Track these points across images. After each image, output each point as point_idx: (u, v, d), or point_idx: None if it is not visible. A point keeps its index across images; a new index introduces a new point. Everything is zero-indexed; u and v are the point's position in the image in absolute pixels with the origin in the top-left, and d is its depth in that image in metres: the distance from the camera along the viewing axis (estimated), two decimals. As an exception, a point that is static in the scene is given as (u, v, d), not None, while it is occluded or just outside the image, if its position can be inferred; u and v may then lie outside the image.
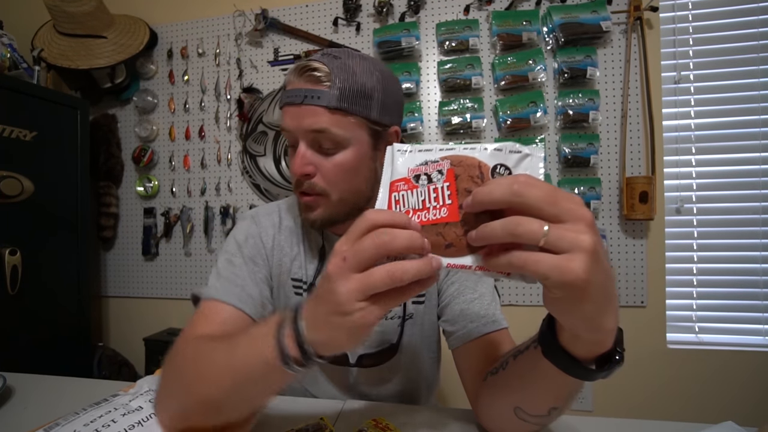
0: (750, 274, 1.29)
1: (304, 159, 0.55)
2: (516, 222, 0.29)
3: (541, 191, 0.29)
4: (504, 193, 0.29)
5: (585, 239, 0.28)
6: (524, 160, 0.33)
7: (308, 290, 0.66)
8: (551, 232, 0.28)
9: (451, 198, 0.33)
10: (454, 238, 0.32)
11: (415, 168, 0.35)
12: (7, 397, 0.62)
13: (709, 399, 1.28)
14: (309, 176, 0.55)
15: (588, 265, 0.27)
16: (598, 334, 0.33)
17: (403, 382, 0.70)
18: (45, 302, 1.34)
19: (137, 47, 1.52)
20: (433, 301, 0.69)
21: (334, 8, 1.50)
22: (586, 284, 0.28)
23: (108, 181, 1.63)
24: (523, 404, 0.44)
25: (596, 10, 1.29)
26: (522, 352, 0.44)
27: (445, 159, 0.34)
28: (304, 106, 0.53)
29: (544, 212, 0.28)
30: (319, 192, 0.56)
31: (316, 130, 0.53)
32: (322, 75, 0.53)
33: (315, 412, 0.57)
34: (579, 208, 0.29)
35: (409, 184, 0.34)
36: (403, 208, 0.34)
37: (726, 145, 1.31)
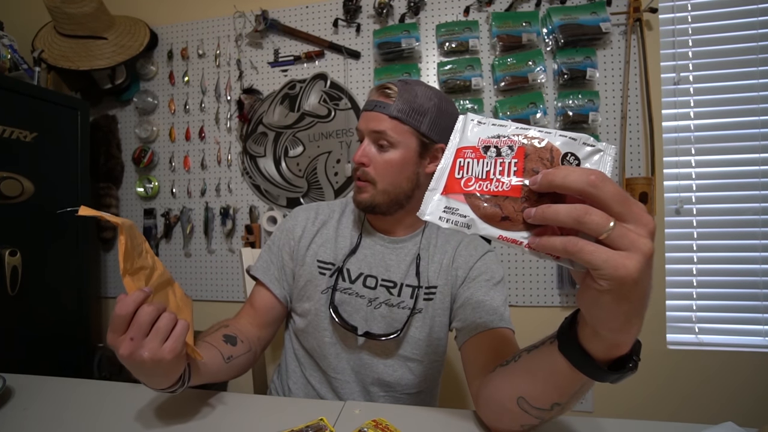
0: (750, 274, 1.29)
1: (364, 152, 0.71)
2: (585, 210, 0.30)
3: (614, 188, 0.30)
4: (580, 181, 0.30)
5: (645, 243, 0.29)
6: (595, 155, 0.33)
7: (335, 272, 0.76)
8: (616, 229, 0.29)
9: (516, 174, 0.33)
10: (511, 212, 0.32)
11: (486, 140, 0.35)
12: (7, 398, 0.62)
13: (709, 399, 1.28)
14: (364, 165, 0.71)
15: (642, 267, 0.29)
16: (622, 336, 0.34)
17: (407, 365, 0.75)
18: (45, 303, 1.34)
19: (137, 48, 1.52)
20: (445, 303, 0.74)
21: (334, 9, 1.50)
22: (635, 284, 0.29)
23: (108, 182, 1.63)
24: (527, 395, 0.46)
25: (596, 11, 1.30)
26: (537, 347, 0.47)
27: (518, 135, 0.34)
28: (374, 113, 0.70)
29: (613, 209, 0.30)
30: (369, 179, 0.71)
31: (376, 131, 0.70)
32: (391, 92, 0.70)
33: (315, 412, 0.57)
34: (645, 215, 0.30)
35: (477, 153, 0.35)
36: (465, 174, 0.35)
37: (726, 145, 1.31)
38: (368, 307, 0.75)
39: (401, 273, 0.75)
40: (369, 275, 0.76)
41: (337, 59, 1.51)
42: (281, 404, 0.61)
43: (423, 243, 0.78)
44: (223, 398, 0.62)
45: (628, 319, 0.33)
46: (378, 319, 0.74)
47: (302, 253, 0.79)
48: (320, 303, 0.75)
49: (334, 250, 0.78)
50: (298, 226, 0.82)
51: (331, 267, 0.77)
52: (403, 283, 0.75)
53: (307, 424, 0.53)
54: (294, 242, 0.80)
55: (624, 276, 0.29)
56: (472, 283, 0.72)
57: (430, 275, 0.75)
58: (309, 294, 0.77)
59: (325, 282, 0.76)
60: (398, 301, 0.74)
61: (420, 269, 0.75)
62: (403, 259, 0.76)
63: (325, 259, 0.78)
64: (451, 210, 0.35)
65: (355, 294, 0.75)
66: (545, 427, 0.54)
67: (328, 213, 0.84)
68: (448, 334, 0.77)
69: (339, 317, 0.72)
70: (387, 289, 0.75)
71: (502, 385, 0.50)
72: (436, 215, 0.35)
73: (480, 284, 0.71)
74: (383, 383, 0.75)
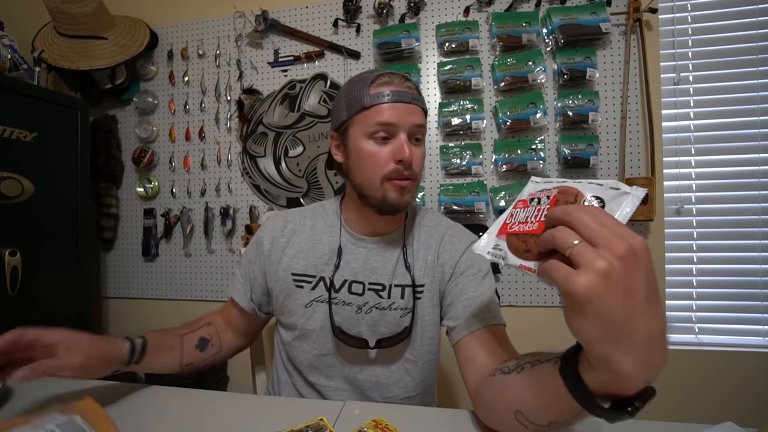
0: (750, 274, 1.29)
1: (410, 148, 0.66)
2: (558, 229, 0.34)
3: (589, 217, 0.33)
4: (559, 211, 0.35)
5: (600, 262, 0.30)
6: (620, 196, 0.36)
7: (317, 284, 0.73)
8: (578, 247, 0.32)
9: (544, 216, 0.39)
10: (532, 246, 0.39)
11: (534, 193, 0.44)
12: (7, 397, 0.62)
13: (708, 399, 1.28)
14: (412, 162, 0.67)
15: (592, 284, 0.30)
16: (609, 371, 0.33)
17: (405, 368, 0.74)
18: (45, 303, 1.33)
19: (137, 48, 1.52)
20: (434, 300, 0.73)
21: (334, 10, 1.50)
22: (585, 300, 0.31)
23: (108, 182, 1.63)
24: (525, 410, 0.45)
25: (595, 11, 1.30)
26: (542, 362, 0.45)
27: (556, 188, 0.41)
28: (413, 105, 0.66)
29: (583, 233, 0.32)
30: (414, 177, 0.68)
31: (419, 125, 0.67)
32: (413, 86, 0.69)
33: (315, 412, 0.57)
34: (618, 240, 0.31)
35: (525, 204, 0.44)
36: (513, 220, 0.43)
37: (725, 146, 1.31)
38: (357, 314, 0.72)
39: (388, 274, 0.73)
40: (354, 281, 0.72)
41: (337, 59, 1.51)
42: (281, 404, 0.61)
43: (407, 239, 0.75)
44: (223, 398, 0.62)
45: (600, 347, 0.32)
46: (371, 324, 0.72)
47: (274, 267, 0.76)
48: (306, 318, 0.72)
49: (310, 260, 0.74)
50: (266, 239, 0.77)
51: (309, 279, 0.73)
52: (391, 284, 0.72)
53: (307, 424, 0.53)
54: (263, 256, 0.76)
55: (572, 291, 0.31)
56: (460, 278, 0.71)
57: (416, 273, 0.73)
58: (290, 309, 0.74)
59: (306, 295, 0.73)
60: (389, 303, 0.72)
61: (408, 263, 0.73)
62: (388, 259, 0.73)
63: (299, 272, 0.74)
64: (496, 247, 0.44)
65: (341, 302, 0.72)
66: None
67: (298, 221, 0.79)
68: (440, 332, 0.76)
69: (343, 334, 0.70)
70: (376, 292, 0.72)
71: (502, 395, 0.50)
72: (485, 250, 0.45)
73: (468, 279, 0.70)
74: (382, 390, 0.73)
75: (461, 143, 1.41)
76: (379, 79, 0.67)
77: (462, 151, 1.40)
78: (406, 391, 0.74)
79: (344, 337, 0.70)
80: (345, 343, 0.70)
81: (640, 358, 0.32)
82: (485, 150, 1.40)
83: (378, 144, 0.66)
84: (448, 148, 1.41)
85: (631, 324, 0.31)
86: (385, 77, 0.67)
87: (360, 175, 0.69)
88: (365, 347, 0.70)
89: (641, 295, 0.31)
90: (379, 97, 0.65)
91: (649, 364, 0.32)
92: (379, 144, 0.66)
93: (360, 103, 0.66)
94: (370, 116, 0.65)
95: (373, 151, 0.66)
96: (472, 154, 1.39)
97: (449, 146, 1.41)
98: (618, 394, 0.35)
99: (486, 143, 1.40)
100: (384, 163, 0.66)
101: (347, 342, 0.70)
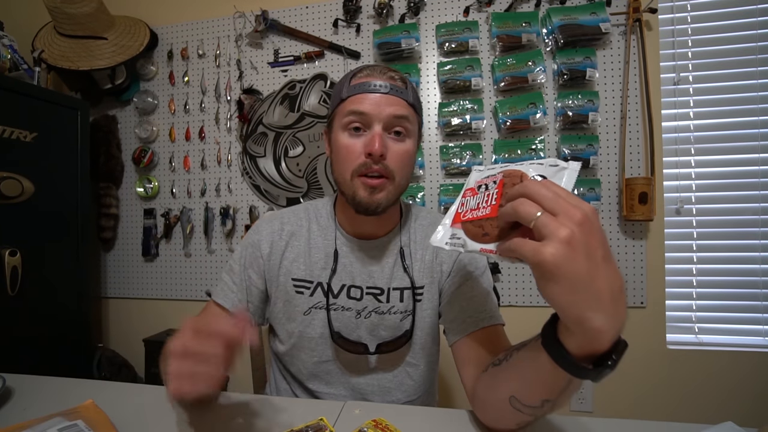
0: (750, 274, 1.29)
1: (382, 140, 0.61)
2: (520, 202, 0.36)
3: (545, 190, 0.35)
4: (519, 187, 0.37)
5: (563, 230, 0.33)
6: (560, 171, 0.39)
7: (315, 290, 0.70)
8: (541, 218, 0.34)
9: (495, 200, 0.41)
10: (489, 229, 0.41)
11: (480, 180, 0.45)
12: (7, 397, 0.62)
13: (709, 399, 1.28)
14: (383, 157, 0.62)
15: (558, 251, 0.33)
16: (583, 330, 0.35)
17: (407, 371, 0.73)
18: (45, 303, 1.33)
19: (137, 48, 1.52)
20: (433, 301, 0.72)
21: (334, 10, 1.50)
22: (554, 267, 0.33)
23: (108, 182, 1.63)
24: (518, 393, 0.46)
25: (595, 11, 1.30)
26: (526, 344, 0.47)
27: (500, 173, 0.43)
28: (391, 96, 0.62)
29: (544, 204, 0.34)
30: (388, 174, 0.63)
31: (398, 116, 0.62)
32: (398, 78, 0.65)
33: (315, 412, 0.57)
34: (573, 208, 0.34)
35: (473, 192, 0.45)
36: (464, 209, 0.45)
37: (725, 145, 1.31)
38: (357, 319, 0.70)
39: (386, 277, 0.71)
40: (352, 285, 0.70)
41: (337, 59, 1.51)
42: (281, 404, 0.61)
43: (403, 239, 0.73)
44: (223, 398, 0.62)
45: (574, 308, 0.34)
46: (370, 328, 0.71)
47: (274, 272, 0.72)
48: (304, 325, 0.70)
49: (308, 265, 0.71)
50: (264, 242, 0.72)
51: (308, 285, 0.71)
52: (389, 287, 0.70)
53: (307, 424, 0.53)
54: (263, 260, 0.72)
55: (542, 261, 0.33)
56: (457, 276, 0.69)
57: (415, 275, 0.71)
58: (289, 315, 0.71)
59: (305, 302, 0.70)
60: (388, 307, 0.70)
61: (406, 265, 0.71)
62: (385, 262, 0.71)
63: (299, 277, 0.71)
64: (453, 236, 0.45)
65: (340, 308, 0.70)
66: (547, 428, 0.54)
67: (294, 222, 0.75)
68: (439, 332, 0.75)
69: (343, 340, 0.69)
70: (374, 296, 0.70)
71: (495, 386, 0.50)
72: (443, 242, 0.46)
73: (465, 277, 0.69)
74: (384, 395, 0.72)
75: (461, 143, 1.41)
76: (360, 72, 0.65)
77: (462, 151, 1.40)
78: (408, 395, 0.73)
79: (343, 343, 0.69)
80: (344, 349, 0.69)
81: (607, 313, 0.34)
82: (485, 150, 1.40)
83: (351, 136, 0.63)
84: (448, 148, 1.41)
85: (596, 283, 0.34)
86: (366, 70, 0.65)
87: (336, 170, 0.67)
88: (365, 353, 0.69)
89: (599, 256, 0.34)
90: (355, 88, 0.63)
91: (616, 318, 0.35)
92: (352, 136, 0.63)
93: (339, 95, 0.65)
94: (345, 107, 0.63)
95: (346, 143, 0.63)
96: (472, 154, 1.39)
97: (449, 146, 1.41)
98: (595, 353, 0.37)
99: (486, 143, 1.40)
100: (355, 156, 0.62)
101: (347, 348, 0.69)
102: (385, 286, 0.70)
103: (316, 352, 0.71)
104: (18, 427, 0.49)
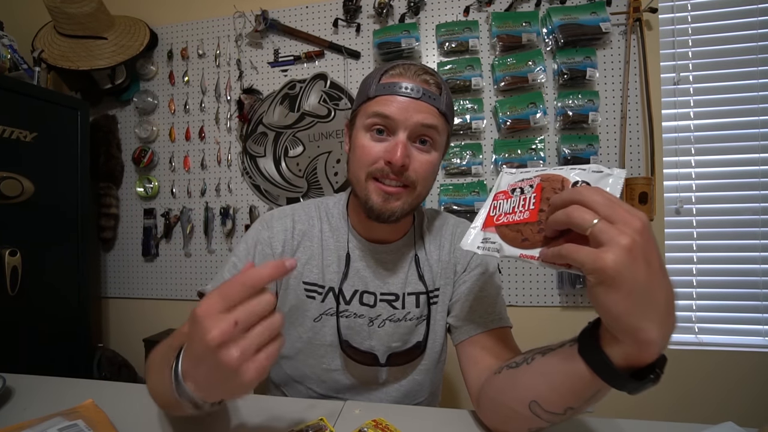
0: (750, 274, 1.29)
1: (406, 149, 0.58)
2: (574, 208, 0.35)
3: (600, 196, 0.34)
4: (570, 193, 0.36)
5: (624, 238, 0.32)
6: (605, 178, 0.37)
7: (327, 294, 0.67)
8: (598, 225, 0.33)
9: (534, 204, 0.40)
10: (529, 235, 0.39)
11: (514, 184, 0.44)
12: (7, 397, 0.62)
13: (708, 399, 1.28)
14: (405, 168, 0.58)
15: (620, 258, 0.32)
16: (635, 340, 0.34)
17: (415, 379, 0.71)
18: (45, 303, 1.33)
19: (137, 48, 1.52)
20: (447, 303, 0.70)
21: (334, 9, 1.50)
22: (616, 274, 0.32)
23: (108, 182, 1.63)
24: (540, 398, 0.44)
25: (595, 11, 1.30)
26: (553, 349, 0.45)
27: (537, 177, 0.41)
28: (422, 102, 0.58)
29: (600, 211, 0.34)
30: (409, 183, 0.60)
31: (427, 125, 0.58)
32: (433, 82, 0.60)
33: (315, 412, 0.57)
34: (631, 216, 0.33)
35: (506, 195, 0.44)
36: (497, 212, 0.43)
37: (725, 145, 1.31)
38: (369, 327, 0.67)
39: (400, 282, 0.68)
40: (365, 291, 0.67)
41: (337, 59, 1.51)
42: (281, 404, 0.61)
43: (417, 243, 0.71)
44: (223, 398, 0.62)
45: (629, 317, 0.33)
46: (383, 338, 0.68)
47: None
48: (313, 332, 0.67)
49: (321, 269, 0.68)
50: (276, 240, 0.68)
51: (320, 290, 0.67)
52: (404, 292, 0.68)
53: (307, 424, 0.53)
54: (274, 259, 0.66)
55: (602, 267, 0.32)
56: (468, 275, 0.68)
57: (433, 277, 0.69)
58: (296, 320, 0.68)
59: (316, 308, 0.67)
60: (403, 314, 0.67)
61: (422, 271, 0.69)
62: (400, 267, 0.69)
63: (312, 281, 0.67)
64: (486, 240, 0.43)
65: (353, 315, 0.67)
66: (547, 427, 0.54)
67: (306, 221, 0.71)
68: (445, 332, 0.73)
69: (352, 349, 0.66)
70: (389, 303, 0.67)
71: (513, 388, 0.49)
72: (474, 245, 0.44)
73: (476, 277, 0.67)
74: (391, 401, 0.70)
75: (461, 143, 1.41)
76: (392, 70, 0.60)
77: (462, 150, 1.40)
78: (415, 399, 0.72)
79: (352, 352, 0.66)
80: (353, 359, 0.66)
81: (662, 324, 0.34)
82: (485, 150, 1.40)
83: (373, 138, 0.59)
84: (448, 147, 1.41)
85: (654, 292, 0.33)
86: (398, 68, 0.60)
87: (351, 169, 0.63)
88: (375, 364, 0.67)
89: (657, 265, 0.33)
90: (385, 88, 0.58)
91: (668, 329, 0.35)
92: (374, 139, 0.59)
93: (366, 92, 0.61)
94: (370, 107, 0.59)
95: (366, 144, 0.60)
96: (472, 154, 1.39)
97: (449, 146, 1.40)
98: (636, 365, 0.36)
99: (486, 143, 1.40)
100: (373, 159, 0.59)
101: (356, 358, 0.66)
102: (400, 291, 0.68)
103: (325, 359, 0.68)
104: (18, 426, 0.49)
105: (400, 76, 0.59)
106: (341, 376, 0.69)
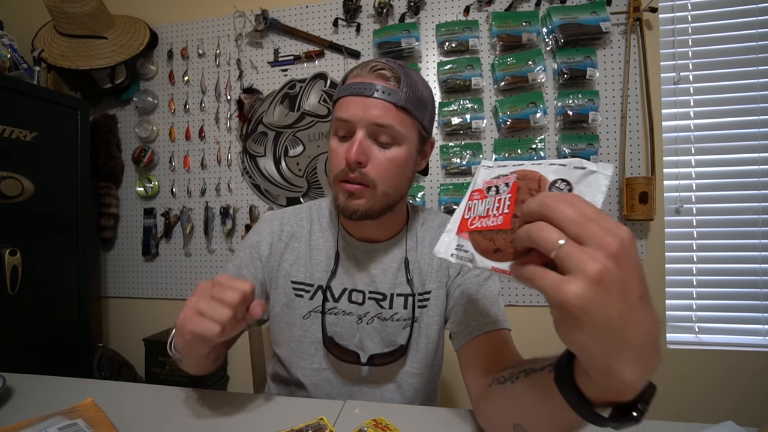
0: (750, 274, 1.29)
1: (361, 147, 0.58)
2: (538, 227, 0.29)
3: (571, 209, 0.28)
4: (536, 204, 0.30)
5: (592, 266, 0.26)
6: (588, 176, 0.32)
7: (316, 293, 0.69)
8: (564, 248, 0.27)
9: (508, 208, 0.34)
10: (502, 245, 0.34)
11: (489, 181, 0.38)
12: (7, 397, 0.62)
13: (709, 399, 1.28)
14: (361, 165, 0.58)
15: (585, 292, 0.26)
16: (609, 380, 0.30)
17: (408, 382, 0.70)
18: (45, 302, 1.34)
19: (137, 48, 1.52)
20: (440, 306, 0.70)
21: (334, 9, 1.50)
22: (580, 312, 0.27)
23: (108, 181, 1.63)
24: (523, 422, 0.43)
25: (596, 11, 1.30)
26: (536, 371, 0.42)
27: (514, 173, 0.36)
28: (374, 99, 0.57)
29: (568, 230, 0.28)
30: (368, 182, 0.59)
31: (380, 124, 0.58)
32: (391, 76, 0.59)
33: (315, 411, 0.57)
34: (606, 235, 0.27)
35: (481, 194, 0.38)
36: (472, 214, 0.38)
37: (725, 145, 1.31)
38: (358, 324, 0.68)
39: (389, 282, 0.68)
40: (354, 289, 0.68)
41: (337, 59, 1.51)
42: (281, 404, 0.61)
43: (409, 244, 0.71)
44: (223, 398, 0.62)
45: (600, 358, 0.29)
46: (372, 335, 0.69)
47: (273, 274, 0.71)
48: (303, 329, 0.68)
49: (309, 268, 0.69)
50: (263, 242, 0.71)
51: (308, 288, 0.69)
52: (393, 293, 0.68)
53: (307, 423, 0.53)
54: (261, 262, 0.71)
55: (563, 301, 0.27)
56: (464, 278, 0.68)
57: (424, 279, 0.69)
58: (287, 319, 0.70)
59: (304, 305, 0.68)
60: (391, 314, 0.68)
61: (410, 275, 0.68)
62: (389, 267, 0.69)
63: (299, 280, 0.69)
64: (459, 248, 0.38)
65: (341, 312, 0.68)
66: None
67: (295, 223, 0.73)
68: (444, 337, 0.73)
69: (335, 346, 0.66)
70: (376, 302, 0.68)
71: (499, 408, 0.48)
72: (448, 253, 0.39)
73: (471, 279, 0.67)
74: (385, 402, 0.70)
75: (461, 143, 1.41)
76: (354, 70, 0.62)
77: (462, 150, 1.40)
78: (409, 400, 0.71)
79: (334, 349, 0.66)
80: (335, 356, 0.66)
81: (639, 364, 0.29)
82: (485, 149, 1.40)
83: (338, 141, 0.61)
84: (448, 147, 1.41)
85: (629, 329, 0.28)
86: (358, 68, 0.61)
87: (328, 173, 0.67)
88: (356, 362, 0.67)
89: (636, 296, 0.28)
90: (344, 90, 0.60)
91: (648, 367, 0.30)
92: (339, 141, 0.61)
93: (335, 96, 0.63)
94: (336, 111, 0.62)
95: (333, 147, 0.62)
96: (472, 154, 1.39)
97: (449, 146, 1.41)
98: (616, 401, 0.32)
99: (486, 143, 1.40)
100: (338, 162, 0.60)
101: (338, 355, 0.66)
102: (388, 291, 0.68)
103: (315, 358, 0.69)
104: (18, 426, 0.49)
105: (356, 76, 0.60)
106: (331, 375, 0.70)
